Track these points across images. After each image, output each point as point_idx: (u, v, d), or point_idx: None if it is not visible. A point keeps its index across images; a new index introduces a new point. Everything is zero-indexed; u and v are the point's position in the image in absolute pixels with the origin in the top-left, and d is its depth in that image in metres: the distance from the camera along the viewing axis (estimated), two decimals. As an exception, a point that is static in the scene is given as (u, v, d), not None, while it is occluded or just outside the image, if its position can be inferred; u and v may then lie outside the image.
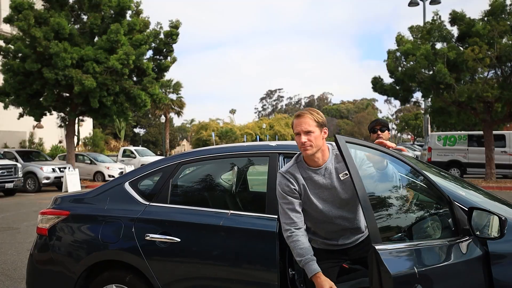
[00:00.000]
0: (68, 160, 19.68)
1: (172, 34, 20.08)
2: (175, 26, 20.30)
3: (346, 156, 2.08)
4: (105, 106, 18.47)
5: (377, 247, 1.92)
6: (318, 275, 2.36)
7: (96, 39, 18.83)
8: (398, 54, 17.68)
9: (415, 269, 1.97)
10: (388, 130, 4.24)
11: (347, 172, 2.35)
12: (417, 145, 37.91)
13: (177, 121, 70.36)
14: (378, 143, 3.17)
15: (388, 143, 3.43)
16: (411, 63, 16.66)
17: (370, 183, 2.35)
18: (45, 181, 17.62)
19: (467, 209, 2.41)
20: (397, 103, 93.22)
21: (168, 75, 43.01)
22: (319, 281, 2.34)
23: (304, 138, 2.46)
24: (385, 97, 64.96)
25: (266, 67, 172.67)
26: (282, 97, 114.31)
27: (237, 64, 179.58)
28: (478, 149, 18.54)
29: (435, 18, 17.35)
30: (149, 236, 3.06)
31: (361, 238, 2.68)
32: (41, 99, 18.70)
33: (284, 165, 2.98)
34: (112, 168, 21.45)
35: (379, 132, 4.14)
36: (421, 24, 18.90)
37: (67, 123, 20.36)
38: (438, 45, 17.32)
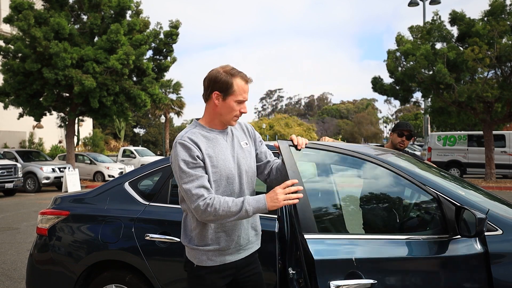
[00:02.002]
0: (68, 160, 19.68)
1: (172, 34, 20.08)
2: (175, 26, 20.30)
3: (286, 159, 2.25)
4: (105, 106, 18.47)
5: (306, 236, 2.20)
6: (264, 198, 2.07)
7: (96, 39, 18.84)
8: (398, 54, 17.69)
9: (353, 257, 2.19)
10: (413, 137, 4.26)
11: (247, 142, 2.34)
12: (417, 145, 37.92)
13: (177, 121, 70.40)
14: None
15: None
16: (411, 63, 16.66)
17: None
18: (45, 181, 17.62)
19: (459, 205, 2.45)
20: (397, 103, 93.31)
21: (168, 75, 43.07)
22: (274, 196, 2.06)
23: (246, 109, 2.24)
24: (385, 97, 64.96)
25: (266, 67, 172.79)
26: (282, 97, 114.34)
27: (237, 64, 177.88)
28: (478, 149, 18.55)
29: (435, 18, 17.36)
30: (149, 236, 3.06)
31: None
32: (41, 99, 18.70)
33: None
34: (112, 168, 21.45)
35: (404, 138, 4.13)
36: (421, 24, 18.91)
37: (67, 123, 20.36)
38: (438, 45, 17.34)
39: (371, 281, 2.19)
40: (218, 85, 2.17)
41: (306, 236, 2.19)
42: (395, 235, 2.50)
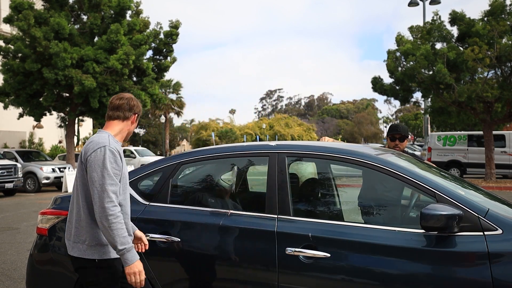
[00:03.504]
0: (68, 160, 19.68)
1: (172, 34, 20.08)
2: (175, 26, 20.30)
3: None
4: (105, 106, 18.46)
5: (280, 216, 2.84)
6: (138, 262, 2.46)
7: (96, 39, 18.83)
8: (398, 54, 17.67)
9: (309, 234, 2.68)
10: (408, 138, 4.20)
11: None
12: (417, 145, 37.94)
13: (177, 121, 70.32)
14: None
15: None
16: (411, 63, 16.65)
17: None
18: (45, 181, 17.61)
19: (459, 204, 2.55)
20: (397, 103, 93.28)
21: (168, 75, 43.02)
22: (138, 265, 2.44)
23: None
24: (385, 97, 64.96)
25: (266, 67, 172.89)
26: (282, 97, 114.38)
27: (237, 64, 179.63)
28: (478, 149, 18.54)
29: (435, 18, 17.34)
30: (149, 236, 3.06)
31: None
32: (41, 99, 18.70)
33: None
34: (112, 168, 21.39)
35: (397, 142, 4.09)
36: (421, 24, 18.90)
37: (67, 123, 20.36)
38: (438, 45, 17.32)
39: (325, 254, 2.61)
40: (138, 109, 2.76)
41: (280, 216, 2.83)
42: (361, 223, 2.80)
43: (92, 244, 2.52)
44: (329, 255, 2.61)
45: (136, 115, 2.74)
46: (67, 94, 19.00)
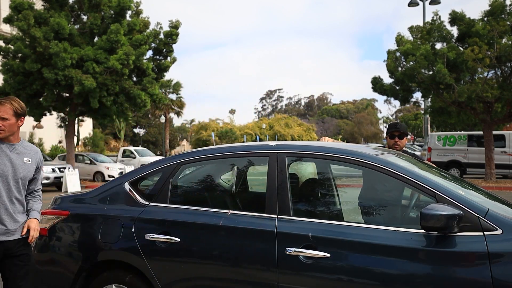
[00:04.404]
0: (68, 160, 19.68)
1: (172, 34, 20.09)
2: (175, 26, 20.31)
3: None
4: (105, 106, 18.48)
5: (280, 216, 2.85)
6: None
7: (96, 39, 18.84)
8: (398, 54, 17.67)
9: (309, 234, 2.68)
10: (407, 136, 4.19)
11: (30, 160, 2.99)
12: (417, 145, 37.95)
13: (177, 121, 70.23)
14: None
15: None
16: (411, 63, 16.65)
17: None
18: (44, 181, 17.57)
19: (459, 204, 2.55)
20: (397, 103, 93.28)
21: (168, 75, 42.98)
22: None
23: (2, 123, 2.87)
24: (385, 97, 64.97)
25: (266, 67, 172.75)
26: (282, 97, 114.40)
27: (237, 64, 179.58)
28: (478, 149, 18.54)
29: (435, 18, 17.35)
30: (149, 236, 3.06)
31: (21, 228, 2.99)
32: (41, 99, 18.71)
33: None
34: (112, 168, 21.43)
35: (396, 139, 4.07)
36: (421, 24, 18.90)
37: (67, 123, 20.37)
38: (438, 45, 17.32)
39: (325, 254, 2.61)
40: None
41: (280, 216, 2.84)
42: (361, 223, 2.81)
43: None
44: (329, 255, 2.61)
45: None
46: (67, 94, 19.00)
